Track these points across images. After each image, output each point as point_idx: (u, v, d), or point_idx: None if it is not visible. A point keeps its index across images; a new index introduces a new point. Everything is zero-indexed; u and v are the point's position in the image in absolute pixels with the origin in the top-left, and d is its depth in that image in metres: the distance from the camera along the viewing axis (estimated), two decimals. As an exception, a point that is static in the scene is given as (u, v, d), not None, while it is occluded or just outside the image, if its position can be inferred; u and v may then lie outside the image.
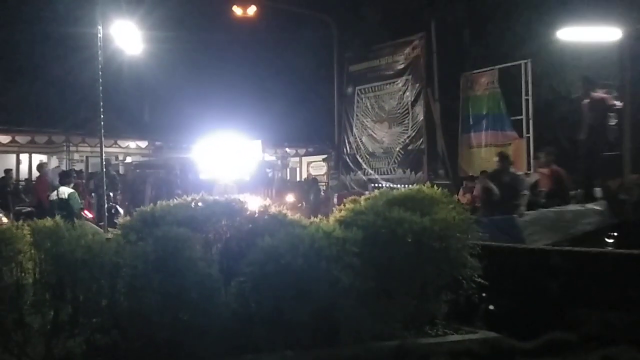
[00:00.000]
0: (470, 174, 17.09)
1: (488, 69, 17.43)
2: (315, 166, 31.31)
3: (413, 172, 18.86)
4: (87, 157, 25.78)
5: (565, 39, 13.84)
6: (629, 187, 11.25)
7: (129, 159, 27.14)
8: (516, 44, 17.69)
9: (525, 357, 6.26)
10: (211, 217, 6.54)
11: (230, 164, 17.66)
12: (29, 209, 15.20)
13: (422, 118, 19.00)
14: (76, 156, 25.43)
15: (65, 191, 12.33)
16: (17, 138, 24.59)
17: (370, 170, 20.57)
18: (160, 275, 5.46)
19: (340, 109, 22.14)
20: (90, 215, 14.61)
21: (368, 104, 21.01)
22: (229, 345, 5.61)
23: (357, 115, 21.41)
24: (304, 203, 21.05)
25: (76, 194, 12.43)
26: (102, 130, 10.57)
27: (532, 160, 15.34)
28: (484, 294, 6.93)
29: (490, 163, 16.78)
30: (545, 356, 6.25)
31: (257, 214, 6.69)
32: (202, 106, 29.05)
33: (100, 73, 10.21)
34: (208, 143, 18.00)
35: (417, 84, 19.15)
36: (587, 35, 13.04)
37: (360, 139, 21.02)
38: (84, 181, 18.88)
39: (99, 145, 10.97)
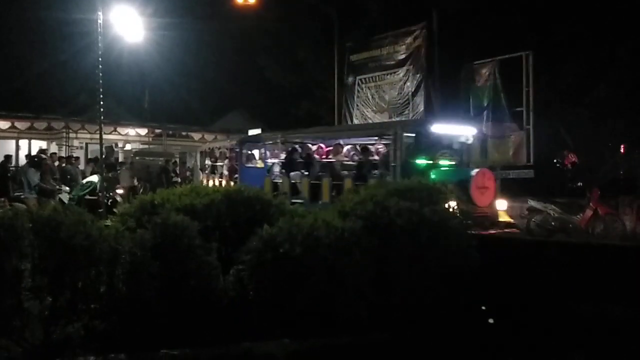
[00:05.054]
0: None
1: (489, 60, 17.36)
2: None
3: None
4: (86, 143, 25.71)
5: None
6: None
7: (128, 146, 27.08)
8: (517, 35, 17.63)
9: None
10: (210, 206, 6.55)
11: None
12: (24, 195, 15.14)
13: (422, 109, 18.96)
14: (75, 142, 25.35)
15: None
16: (17, 124, 24.49)
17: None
18: (159, 262, 5.47)
19: (341, 99, 22.09)
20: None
21: (369, 94, 20.96)
22: (226, 332, 5.63)
23: (357, 105, 21.36)
24: None
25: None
26: (102, 117, 10.54)
27: (532, 153, 15.34)
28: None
29: (491, 155, 16.78)
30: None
31: (256, 203, 6.70)
32: (202, 93, 29.03)
33: (100, 59, 10.17)
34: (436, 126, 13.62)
35: (418, 75, 19.10)
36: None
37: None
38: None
39: (98, 131, 10.94)
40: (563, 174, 14.39)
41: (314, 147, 15.42)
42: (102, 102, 10.28)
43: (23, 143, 25.14)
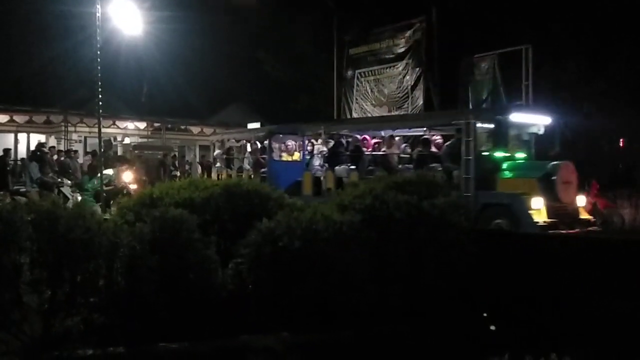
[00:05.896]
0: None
1: (488, 53, 17.35)
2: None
3: (412, 157, 18.80)
4: (85, 137, 25.72)
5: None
6: None
7: (127, 140, 27.07)
8: (517, 29, 17.60)
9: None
10: (209, 200, 6.56)
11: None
12: (25, 189, 15.21)
13: (421, 102, 18.97)
14: (74, 136, 25.35)
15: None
16: (15, 117, 24.48)
17: (368, 154, 20.52)
18: (158, 256, 5.47)
19: (340, 93, 22.08)
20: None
21: (368, 88, 20.96)
22: (225, 326, 5.63)
23: (356, 98, 21.36)
24: None
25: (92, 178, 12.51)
26: (101, 111, 10.53)
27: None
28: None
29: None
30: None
31: (254, 196, 6.71)
32: (200, 87, 28.97)
33: (98, 53, 10.15)
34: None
35: (418, 68, 19.10)
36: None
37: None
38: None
39: (97, 125, 10.93)
40: None
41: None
42: (100, 96, 10.26)
43: (22, 137, 25.12)
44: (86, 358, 5.17)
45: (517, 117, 11.42)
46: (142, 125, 26.96)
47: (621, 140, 18.49)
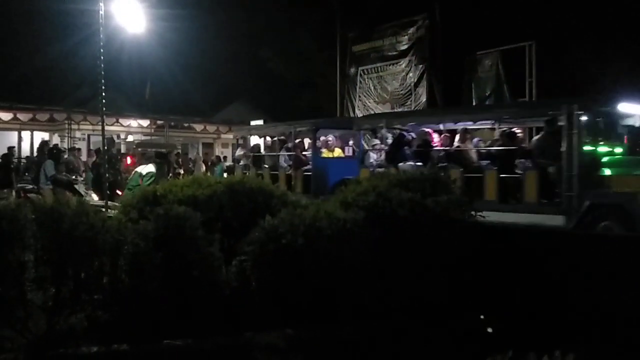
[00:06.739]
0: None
1: (491, 50, 17.34)
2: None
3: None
4: (88, 135, 25.81)
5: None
6: None
7: (130, 138, 27.13)
8: (521, 25, 17.57)
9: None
10: (212, 197, 6.57)
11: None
12: (31, 186, 15.26)
13: (425, 99, 19.00)
14: (78, 134, 25.44)
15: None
16: (19, 115, 24.57)
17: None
18: (162, 253, 5.48)
19: (343, 90, 22.09)
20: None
21: (371, 85, 20.98)
22: (229, 323, 5.65)
23: (359, 96, 21.39)
24: None
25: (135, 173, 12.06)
26: (104, 109, 10.55)
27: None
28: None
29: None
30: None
31: (258, 194, 6.72)
32: (203, 85, 28.99)
33: (101, 51, 10.15)
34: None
35: (421, 65, 19.12)
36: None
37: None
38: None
39: (100, 123, 10.95)
40: None
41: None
42: (103, 94, 10.27)
43: (25, 134, 25.22)
44: (90, 355, 5.18)
45: (624, 107, 10.67)
46: (145, 122, 27.04)
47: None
